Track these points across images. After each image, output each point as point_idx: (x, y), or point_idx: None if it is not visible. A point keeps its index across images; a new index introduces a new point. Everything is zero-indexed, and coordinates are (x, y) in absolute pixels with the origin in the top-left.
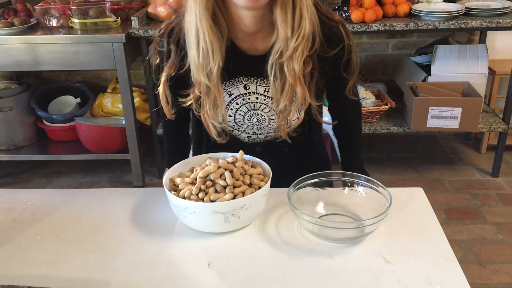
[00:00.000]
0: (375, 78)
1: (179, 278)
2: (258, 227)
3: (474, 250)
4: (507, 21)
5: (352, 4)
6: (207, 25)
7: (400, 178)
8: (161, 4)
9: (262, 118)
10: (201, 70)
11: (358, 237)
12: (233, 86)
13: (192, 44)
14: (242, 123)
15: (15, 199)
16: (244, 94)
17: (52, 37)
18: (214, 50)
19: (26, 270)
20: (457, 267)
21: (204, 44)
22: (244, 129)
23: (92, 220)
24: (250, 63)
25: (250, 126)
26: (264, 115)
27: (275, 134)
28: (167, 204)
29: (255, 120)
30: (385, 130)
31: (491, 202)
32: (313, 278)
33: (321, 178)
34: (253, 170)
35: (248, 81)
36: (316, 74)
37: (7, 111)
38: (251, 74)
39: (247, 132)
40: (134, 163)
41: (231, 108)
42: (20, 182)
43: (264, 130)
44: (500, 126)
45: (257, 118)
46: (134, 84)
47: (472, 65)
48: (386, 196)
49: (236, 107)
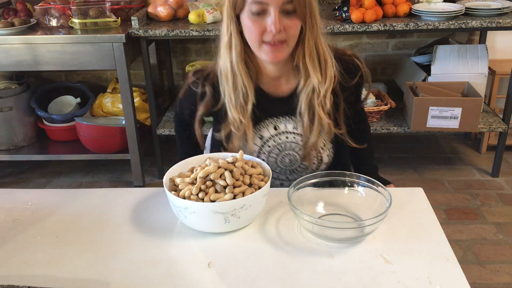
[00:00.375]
0: (375, 78)
1: (179, 278)
2: (258, 227)
3: (474, 250)
4: (507, 21)
5: (352, 4)
6: (243, 69)
7: (400, 178)
8: (161, 4)
9: (294, 158)
10: (238, 108)
11: (358, 237)
12: (263, 128)
13: (229, 86)
14: (276, 167)
15: (15, 199)
16: (274, 135)
17: (52, 37)
18: (249, 91)
19: (26, 270)
20: (457, 267)
21: (240, 86)
22: (278, 175)
23: (92, 220)
24: (277, 104)
25: (283, 170)
26: (295, 154)
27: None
28: (167, 204)
29: (288, 161)
30: (385, 130)
31: (491, 202)
32: (313, 278)
33: (321, 178)
34: (253, 170)
35: (277, 121)
36: (341, 104)
37: (7, 111)
38: (279, 114)
39: (280, 179)
40: (134, 163)
41: (263, 152)
42: (20, 182)
43: (296, 175)
44: (500, 126)
45: (289, 159)
46: (134, 84)
47: (472, 65)
48: (386, 196)
49: (268, 150)
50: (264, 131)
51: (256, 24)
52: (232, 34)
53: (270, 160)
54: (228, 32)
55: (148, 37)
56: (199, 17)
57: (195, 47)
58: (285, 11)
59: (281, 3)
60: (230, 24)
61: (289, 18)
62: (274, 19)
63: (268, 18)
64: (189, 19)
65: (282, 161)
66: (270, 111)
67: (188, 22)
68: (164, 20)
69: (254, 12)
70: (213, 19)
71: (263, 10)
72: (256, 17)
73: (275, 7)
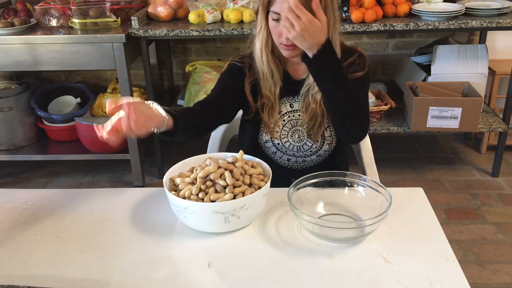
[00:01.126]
0: (375, 78)
1: (179, 278)
2: (258, 227)
3: (474, 250)
4: (507, 21)
5: (352, 4)
6: (267, 58)
7: (400, 178)
8: (161, 4)
9: (302, 134)
10: (267, 89)
11: (358, 237)
12: (282, 104)
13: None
14: (286, 141)
15: (15, 199)
16: (289, 112)
17: (52, 37)
18: (274, 75)
19: (26, 270)
20: (457, 267)
21: (267, 71)
22: (286, 150)
23: (92, 220)
24: (295, 85)
25: (292, 146)
26: (303, 131)
27: (311, 159)
28: (167, 204)
29: (296, 137)
30: (385, 130)
31: (491, 202)
32: (313, 278)
33: (321, 178)
34: (253, 170)
35: (293, 100)
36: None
37: (7, 111)
38: (295, 94)
39: (288, 154)
40: (134, 163)
41: (279, 125)
42: (20, 182)
43: (302, 153)
44: (500, 126)
45: (298, 135)
46: (134, 84)
47: (472, 65)
48: (386, 196)
49: (283, 123)
50: (283, 107)
51: (275, 28)
52: (262, 28)
53: (283, 133)
54: (260, 26)
55: (148, 37)
56: (199, 17)
57: (195, 47)
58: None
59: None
60: (262, 20)
61: None
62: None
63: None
64: (189, 19)
65: (293, 135)
66: (290, 91)
67: (188, 22)
68: (164, 20)
69: (275, 18)
70: (213, 19)
71: (279, 18)
72: (276, 22)
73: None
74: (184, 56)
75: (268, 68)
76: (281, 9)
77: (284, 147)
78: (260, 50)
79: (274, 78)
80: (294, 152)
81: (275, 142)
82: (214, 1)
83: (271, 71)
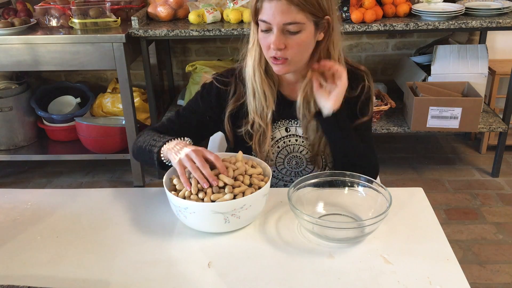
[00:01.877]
0: (375, 78)
1: (179, 278)
2: (258, 227)
3: (474, 250)
4: (507, 21)
5: (352, 4)
6: (260, 77)
7: (400, 178)
8: (161, 4)
9: (300, 160)
10: (257, 113)
11: (358, 237)
12: (275, 129)
13: (249, 93)
14: (282, 167)
15: (15, 199)
16: (285, 137)
17: (52, 37)
18: (267, 97)
19: (26, 270)
20: (457, 267)
21: (259, 93)
22: (283, 176)
23: (92, 220)
24: (291, 106)
25: (289, 172)
26: (302, 158)
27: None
28: (167, 204)
29: (294, 163)
30: (385, 130)
31: (491, 202)
32: (313, 278)
33: (321, 178)
34: (253, 170)
35: (289, 124)
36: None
37: (7, 111)
38: (291, 117)
39: (285, 180)
40: (134, 163)
41: (273, 152)
42: (20, 182)
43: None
44: (500, 126)
45: (295, 161)
46: (134, 84)
47: (472, 65)
48: (386, 196)
49: (277, 150)
50: (276, 132)
51: (264, 39)
52: (254, 43)
53: (278, 160)
54: (253, 40)
55: (148, 37)
56: (199, 17)
57: (195, 47)
58: (289, 31)
59: (282, 24)
60: (254, 34)
61: (292, 38)
62: (274, 38)
63: (272, 36)
64: (189, 19)
65: (290, 162)
66: (285, 114)
67: (188, 22)
68: (164, 20)
69: (263, 29)
70: (213, 19)
71: (269, 28)
72: (265, 33)
73: (277, 27)
74: (184, 56)
75: (261, 89)
76: (269, 17)
77: (280, 174)
78: (252, 68)
79: (267, 101)
80: (292, 177)
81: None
82: (214, 1)
83: (264, 93)
